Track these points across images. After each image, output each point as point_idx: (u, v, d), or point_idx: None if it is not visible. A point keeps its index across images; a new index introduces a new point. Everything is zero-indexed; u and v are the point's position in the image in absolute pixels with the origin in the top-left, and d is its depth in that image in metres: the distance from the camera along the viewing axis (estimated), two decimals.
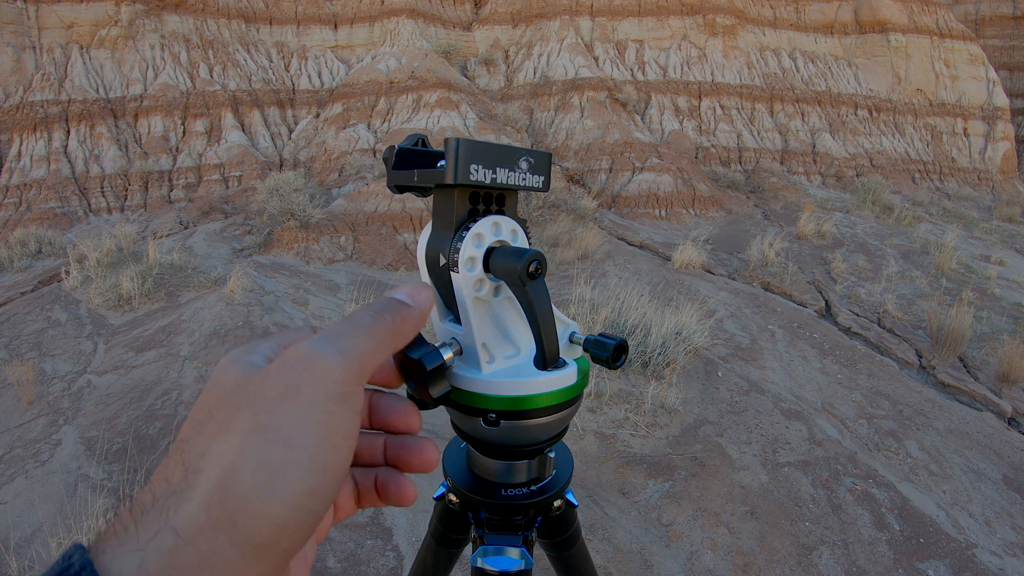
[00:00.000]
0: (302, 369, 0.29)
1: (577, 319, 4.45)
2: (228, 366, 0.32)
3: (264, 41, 14.23)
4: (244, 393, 0.29)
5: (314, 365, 0.29)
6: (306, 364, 0.29)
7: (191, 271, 6.87)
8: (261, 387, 0.29)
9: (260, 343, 0.34)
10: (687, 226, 10.35)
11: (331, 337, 0.31)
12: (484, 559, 0.56)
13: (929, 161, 16.19)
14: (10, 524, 2.93)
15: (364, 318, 0.33)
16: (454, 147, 0.42)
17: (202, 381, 4.28)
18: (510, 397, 0.47)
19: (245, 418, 0.28)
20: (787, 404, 3.93)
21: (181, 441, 0.29)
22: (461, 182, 0.43)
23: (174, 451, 0.29)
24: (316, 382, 0.29)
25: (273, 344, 0.34)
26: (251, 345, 0.34)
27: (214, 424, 0.29)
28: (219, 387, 0.31)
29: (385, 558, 2.54)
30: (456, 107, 12.06)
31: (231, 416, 0.29)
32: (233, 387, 0.30)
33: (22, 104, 11.77)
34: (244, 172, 11.71)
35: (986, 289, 7.24)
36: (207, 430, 0.29)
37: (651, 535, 2.71)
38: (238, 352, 0.33)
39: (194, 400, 3.88)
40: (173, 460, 0.29)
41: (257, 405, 0.28)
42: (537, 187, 0.48)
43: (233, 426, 0.28)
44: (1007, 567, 2.63)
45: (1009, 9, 21.42)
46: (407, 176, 0.47)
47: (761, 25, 16.34)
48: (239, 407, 0.29)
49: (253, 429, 0.28)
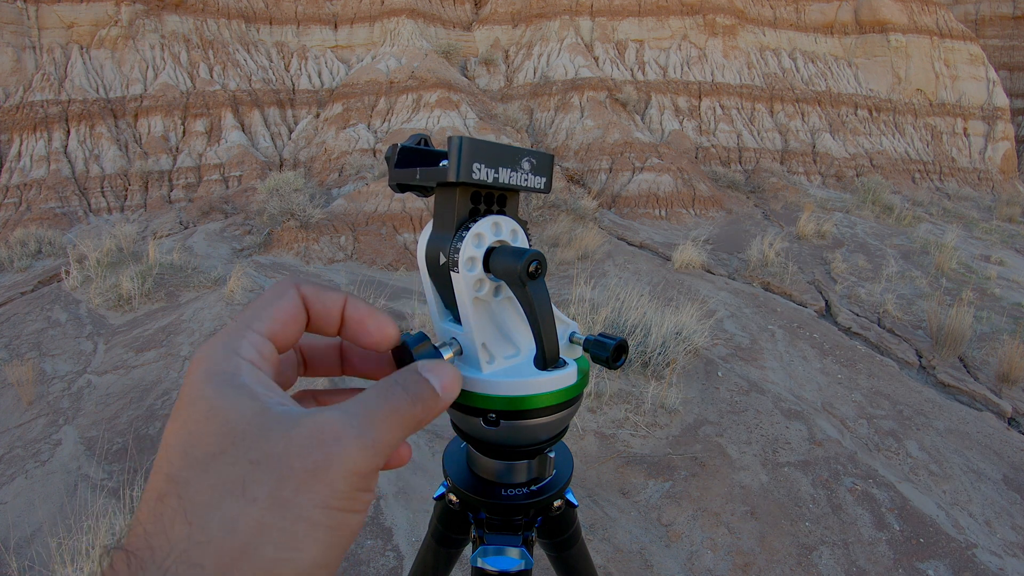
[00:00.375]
0: (334, 452, 0.28)
1: (577, 319, 4.45)
2: (221, 395, 0.29)
3: (264, 41, 14.23)
4: (263, 451, 0.27)
5: (346, 452, 0.28)
6: (338, 448, 0.28)
7: (191, 271, 6.87)
8: (286, 455, 0.27)
9: (229, 344, 0.32)
10: (687, 226, 10.35)
11: (366, 421, 0.30)
12: (484, 559, 0.56)
13: (929, 161, 16.19)
14: (10, 524, 2.93)
15: (401, 404, 0.32)
16: (457, 145, 0.42)
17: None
18: (510, 397, 0.47)
19: (266, 487, 0.27)
20: (787, 404, 3.93)
21: (176, 480, 0.27)
22: (463, 180, 0.42)
23: (168, 489, 0.27)
24: (344, 470, 0.28)
25: (247, 348, 0.32)
26: (221, 350, 0.31)
27: (223, 476, 0.27)
28: (221, 423, 0.28)
29: (385, 558, 2.54)
30: (456, 107, 12.06)
31: (248, 476, 0.27)
32: (246, 431, 0.28)
33: (22, 104, 11.78)
34: (244, 172, 11.71)
35: (986, 289, 7.24)
36: (213, 480, 0.27)
37: (651, 535, 2.71)
38: (213, 365, 0.30)
39: None
40: (170, 506, 0.26)
41: (281, 476, 0.27)
42: (539, 188, 0.48)
43: (251, 492, 0.26)
44: (1007, 567, 2.63)
45: (1009, 9, 21.43)
46: (409, 174, 0.47)
47: (761, 25, 16.34)
48: (257, 467, 0.27)
49: (276, 504, 0.26)
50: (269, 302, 0.35)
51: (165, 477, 0.27)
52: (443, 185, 0.47)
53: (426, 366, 0.35)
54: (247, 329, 0.33)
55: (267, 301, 0.35)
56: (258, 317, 0.34)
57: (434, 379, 0.34)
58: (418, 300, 6.00)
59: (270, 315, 0.34)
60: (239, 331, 0.33)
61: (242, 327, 0.33)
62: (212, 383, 0.30)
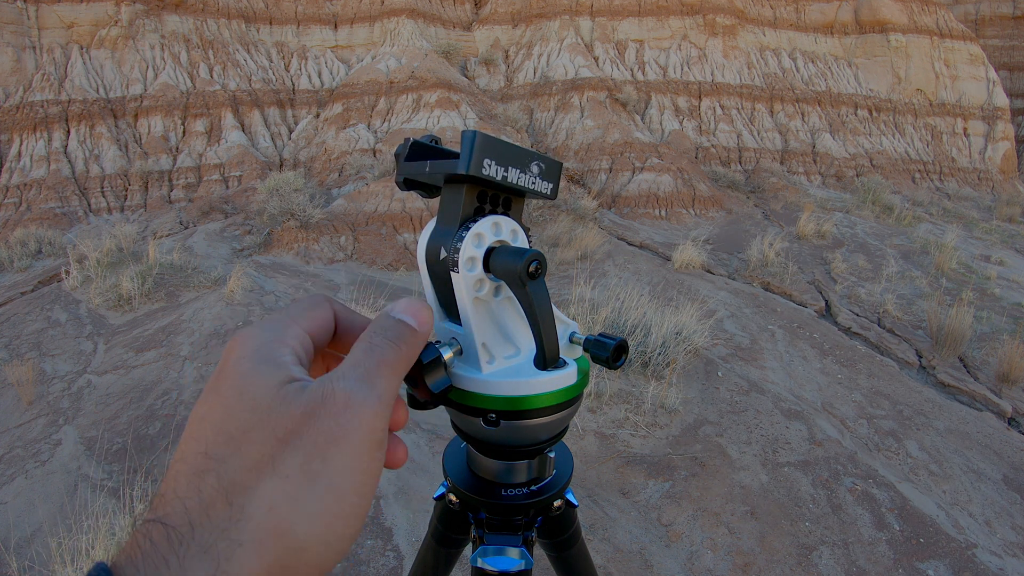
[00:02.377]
0: (348, 417, 0.30)
1: (577, 319, 4.45)
2: (256, 371, 0.31)
3: (264, 41, 14.23)
4: (285, 428, 0.29)
5: (358, 414, 0.30)
6: (351, 412, 0.30)
7: (191, 271, 6.87)
8: (310, 430, 0.29)
9: (275, 330, 0.33)
10: (687, 226, 10.35)
11: (366, 379, 0.32)
12: (484, 559, 0.56)
13: (929, 161, 16.19)
14: (10, 524, 2.93)
15: (386, 350, 0.34)
16: (470, 138, 0.42)
17: (202, 381, 4.28)
18: (510, 397, 0.47)
19: (295, 462, 0.28)
20: (787, 404, 3.93)
21: (213, 457, 0.28)
22: (473, 174, 0.42)
23: (206, 465, 0.28)
24: (360, 430, 0.30)
25: (292, 336, 0.34)
26: (267, 333, 0.33)
27: (257, 456, 0.28)
28: (251, 399, 0.30)
29: (385, 558, 2.54)
30: (456, 107, 12.07)
31: (279, 455, 0.29)
32: (271, 410, 0.29)
33: (22, 104, 11.77)
34: (244, 172, 11.71)
35: (986, 289, 7.24)
36: (246, 459, 0.28)
37: (651, 535, 2.71)
38: (259, 346, 0.32)
39: (194, 400, 3.88)
40: (209, 484, 0.28)
41: (308, 450, 0.29)
42: (545, 193, 0.48)
43: (282, 469, 0.28)
44: (1007, 567, 2.63)
45: (1009, 9, 21.43)
46: (419, 167, 0.47)
47: (761, 25, 16.34)
48: (286, 445, 0.29)
49: (306, 477, 0.28)
50: (308, 307, 0.37)
51: (202, 454, 0.29)
52: (451, 182, 0.47)
53: (396, 307, 0.37)
54: (292, 322, 0.35)
55: (306, 307, 0.37)
56: (301, 316, 0.36)
57: (407, 317, 0.36)
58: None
59: (309, 316, 0.36)
60: (284, 322, 0.35)
61: (286, 319, 0.35)
62: (253, 359, 0.31)
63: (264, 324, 0.34)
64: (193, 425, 0.30)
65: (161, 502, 0.28)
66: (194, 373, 4.42)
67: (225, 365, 0.32)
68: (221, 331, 5.09)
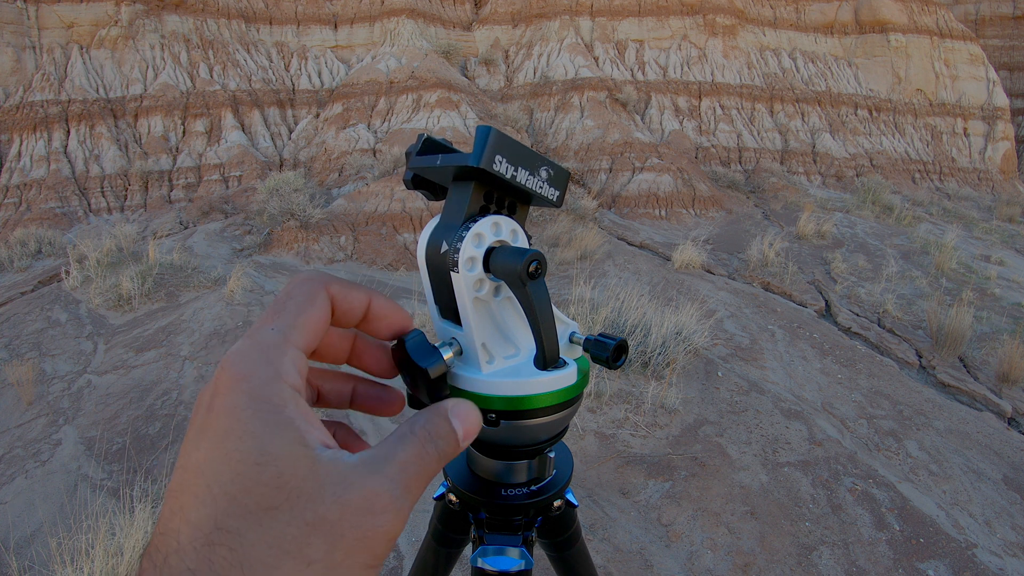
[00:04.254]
0: (380, 523, 0.30)
1: (577, 319, 4.45)
2: (265, 431, 0.29)
3: (264, 41, 14.23)
4: (318, 514, 0.28)
5: (390, 523, 0.30)
6: (385, 519, 0.30)
7: (191, 271, 6.87)
8: (340, 522, 0.28)
9: (269, 360, 0.31)
10: (687, 226, 10.35)
11: (405, 490, 0.31)
12: (484, 559, 0.56)
13: (929, 161, 16.20)
14: (10, 524, 2.93)
15: (431, 463, 0.33)
16: (484, 133, 0.42)
17: (202, 381, 4.28)
18: (510, 397, 0.47)
19: (321, 551, 0.28)
20: (787, 404, 3.93)
21: (227, 530, 0.27)
22: (484, 167, 0.42)
23: (218, 538, 0.27)
24: (386, 537, 0.30)
25: (289, 368, 0.32)
26: (262, 369, 0.31)
27: (280, 535, 0.28)
28: (274, 473, 0.28)
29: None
30: (456, 107, 12.07)
31: (303, 539, 0.28)
32: (301, 489, 0.28)
33: (22, 104, 11.78)
34: (244, 172, 11.71)
35: (986, 289, 7.24)
36: (269, 537, 0.27)
37: (651, 535, 2.71)
38: (257, 390, 0.30)
39: (193, 400, 3.88)
40: (222, 556, 0.27)
41: (335, 542, 0.28)
42: (551, 200, 0.48)
43: (308, 555, 0.28)
44: (1007, 567, 2.63)
45: (1009, 9, 21.44)
46: (430, 161, 0.47)
47: (761, 25, 16.34)
48: (313, 531, 0.28)
49: (329, 568, 0.28)
50: (303, 308, 0.34)
51: (213, 523, 0.27)
52: (459, 179, 0.47)
53: (457, 411, 0.36)
54: (287, 344, 0.32)
55: (300, 307, 0.34)
56: (295, 327, 0.33)
57: (460, 426, 0.35)
58: (418, 300, 6.00)
59: (304, 325, 0.34)
60: (279, 346, 0.32)
61: (281, 340, 0.32)
62: (259, 416, 0.29)
63: (259, 352, 0.31)
64: (190, 475, 0.28)
65: (163, 564, 0.27)
66: (194, 373, 4.42)
67: (226, 409, 0.29)
68: (221, 331, 5.09)
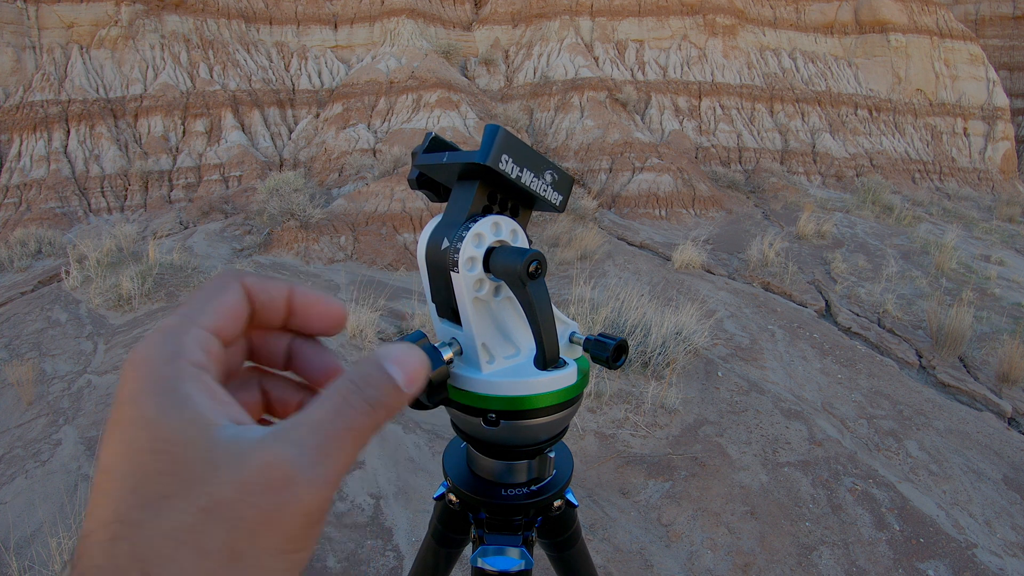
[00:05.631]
0: (285, 498, 0.26)
1: (577, 319, 4.45)
2: (161, 414, 0.27)
3: (264, 41, 14.23)
4: (212, 498, 0.26)
5: (297, 496, 0.26)
6: (289, 492, 0.26)
7: (191, 271, 6.87)
8: (237, 503, 0.26)
9: (171, 342, 0.29)
10: (687, 226, 10.35)
11: (319, 454, 0.27)
12: (484, 559, 0.56)
13: (929, 161, 16.19)
14: (10, 524, 2.93)
15: (358, 416, 0.28)
16: (492, 131, 0.42)
17: None
18: (510, 397, 0.47)
19: (220, 537, 0.25)
20: (787, 404, 3.93)
21: (128, 522, 0.25)
22: (490, 165, 0.43)
23: (120, 532, 0.25)
24: (297, 513, 0.26)
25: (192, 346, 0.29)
26: (163, 349, 0.29)
27: (175, 523, 0.25)
28: (167, 458, 0.26)
29: (385, 558, 2.54)
30: (456, 107, 12.07)
31: (199, 526, 0.25)
32: (193, 471, 0.26)
33: (22, 104, 11.78)
34: (244, 172, 11.71)
35: (986, 289, 7.24)
36: (165, 527, 0.25)
37: (651, 535, 2.71)
38: (155, 373, 0.28)
39: None
40: (123, 552, 0.25)
41: (234, 525, 0.26)
42: (554, 204, 0.48)
43: (204, 544, 0.25)
44: (1007, 567, 2.63)
45: (1009, 9, 21.43)
46: (436, 159, 0.47)
47: (761, 25, 16.34)
48: (208, 516, 0.25)
49: (231, 557, 0.25)
50: (212, 295, 0.32)
51: (117, 518, 0.26)
52: (464, 177, 0.47)
53: (389, 354, 0.31)
54: (190, 324, 0.30)
55: (209, 294, 0.32)
56: (202, 311, 0.31)
57: (398, 371, 0.30)
58: (418, 300, 6.00)
59: (213, 309, 0.32)
60: (181, 327, 0.30)
61: (184, 322, 0.30)
62: (153, 396, 0.27)
63: (160, 335, 0.29)
64: (100, 476, 0.27)
65: (79, 563, 0.26)
66: None
67: (124, 397, 0.27)
68: None
